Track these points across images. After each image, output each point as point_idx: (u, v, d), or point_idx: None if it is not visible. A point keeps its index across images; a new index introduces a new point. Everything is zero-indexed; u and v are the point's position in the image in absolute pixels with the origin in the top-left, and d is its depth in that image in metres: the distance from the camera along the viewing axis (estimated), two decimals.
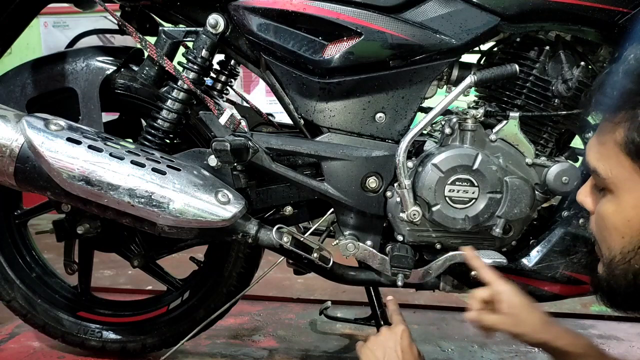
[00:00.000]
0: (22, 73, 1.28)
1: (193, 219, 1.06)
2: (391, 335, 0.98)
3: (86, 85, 1.24)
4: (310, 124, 1.21)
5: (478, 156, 1.10)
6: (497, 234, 1.14)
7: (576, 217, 1.18)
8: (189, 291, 1.45)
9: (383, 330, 1.01)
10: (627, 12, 1.08)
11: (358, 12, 1.11)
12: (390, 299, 1.12)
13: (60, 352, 1.54)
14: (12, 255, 1.45)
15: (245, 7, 1.15)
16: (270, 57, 1.17)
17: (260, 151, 1.15)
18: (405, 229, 1.18)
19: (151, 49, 1.17)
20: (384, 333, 1.00)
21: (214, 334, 1.64)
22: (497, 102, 1.20)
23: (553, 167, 1.13)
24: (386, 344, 0.97)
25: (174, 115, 1.20)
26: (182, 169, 1.09)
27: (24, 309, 1.45)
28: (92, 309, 1.49)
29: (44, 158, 1.02)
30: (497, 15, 1.10)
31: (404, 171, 1.11)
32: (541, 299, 1.23)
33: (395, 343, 0.96)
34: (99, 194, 1.04)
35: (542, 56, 1.15)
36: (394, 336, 0.98)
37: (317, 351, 1.60)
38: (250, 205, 1.20)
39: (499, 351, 1.63)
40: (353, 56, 1.12)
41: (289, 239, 1.15)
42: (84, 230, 1.31)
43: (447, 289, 1.25)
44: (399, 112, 1.17)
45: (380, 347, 0.97)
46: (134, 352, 1.46)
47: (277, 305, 1.97)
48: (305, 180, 1.17)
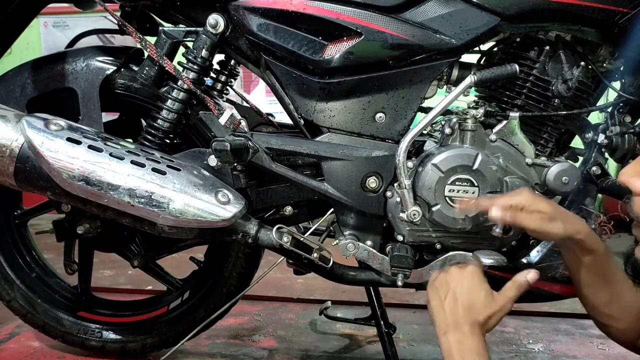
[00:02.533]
0: (22, 73, 1.28)
1: (193, 219, 1.06)
2: (459, 275, 0.91)
3: (86, 85, 1.24)
4: (310, 124, 1.21)
5: (478, 156, 1.10)
6: (497, 234, 1.14)
7: None
8: (189, 291, 1.45)
9: (452, 269, 0.93)
10: (627, 12, 1.08)
11: (358, 12, 1.11)
12: None
13: (60, 352, 1.54)
14: (12, 255, 1.45)
15: (245, 7, 1.15)
16: (270, 57, 1.17)
17: (260, 151, 1.15)
18: (405, 229, 1.18)
19: (151, 49, 1.17)
20: (452, 271, 0.93)
21: (214, 334, 1.64)
22: (497, 102, 1.20)
23: (553, 167, 1.14)
24: (451, 283, 0.90)
25: (174, 115, 1.20)
26: (182, 169, 1.09)
27: (24, 309, 1.45)
28: (92, 309, 1.49)
29: (44, 158, 1.02)
30: (497, 15, 1.10)
31: (404, 171, 1.11)
32: (541, 299, 1.23)
33: (459, 283, 0.89)
34: (99, 194, 1.04)
35: (542, 56, 1.15)
36: (462, 275, 0.91)
37: (317, 351, 1.60)
38: (250, 205, 1.20)
39: (499, 351, 1.63)
40: (353, 56, 1.12)
41: (289, 239, 1.15)
42: (84, 230, 1.31)
43: None
44: (399, 112, 1.17)
45: (444, 285, 0.90)
46: (134, 352, 1.46)
47: (277, 305, 1.97)
48: (305, 180, 1.17)
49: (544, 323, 1.86)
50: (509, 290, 0.90)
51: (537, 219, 0.95)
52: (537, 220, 0.95)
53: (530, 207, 0.95)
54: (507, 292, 0.90)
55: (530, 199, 0.96)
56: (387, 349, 1.38)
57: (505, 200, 0.96)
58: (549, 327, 1.82)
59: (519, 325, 1.83)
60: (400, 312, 1.92)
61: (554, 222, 0.94)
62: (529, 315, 1.90)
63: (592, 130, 1.21)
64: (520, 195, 0.97)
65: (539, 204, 0.96)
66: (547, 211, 0.95)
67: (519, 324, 1.84)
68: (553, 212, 0.95)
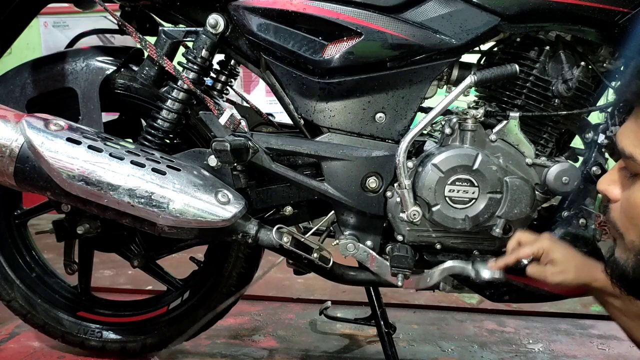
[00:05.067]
0: (22, 73, 1.28)
1: (193, 219, 1.06)
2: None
3: (86, 85, 1.24)
4: (310, 124, 1.21)
5: (478, 156, 1.10)
6: (497, 234, 1.14)
7: (576, 217, 1.18)
8: (189, 291, 1.45)
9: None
10: (627, 12, 1.08)
11: (358, 12, 1.11)
12: None
13: (60, 352, 1.54)
14: (12, 255, 1.45)
15: (245, 7, 1.15)
16: (270, 57, 1.17)
17: (260, 151, 1.15)
18: (405, 229, 1.18)
19: (151, 49, 1.17)
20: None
21: (214, 334, 1.64)
22: (497, 102, 1.20)
23: (553, 167, 1.13)
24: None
25: (174, 115, 1.20)
26: (182, 169, 1.09)
27: (24, 309, 1.45)
28: (92, 309, 1.49)
29: (44, 158, 1.02)
30: (497, 15, 1.10)
31: (404, 171, 1.10)
32: (541, 299, 1.23)
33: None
34: (99, 194, 1.04)
35: (542, 56, 1.15)
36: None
37: (317, 351, 1.60)
38: (250, 205, 1.20)
39: (499, 351, 1.63)
40: (353, 56, 1.12)
41: (289, 239, 1.15)
42: (84, 230, 1.31)
43: (447, 289, 1.25)
44: (399, 112, 1.17)
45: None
46: (134, 352, 1.46)
47: (277, 305, 1.97)
48: (305, 180, 1.17)
49: (544, 323, 1.86)
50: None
51: (548, 271, 0.99)
52: (549, 272, 1.00)
53: (545, 256, 1.00)
54: None
55: (548, 246, 1.01)
56: (387, 349, 1.38)
57: (527, 250, 1.02)
58: (549, 327, 1.82)
59: (519, 325, 1.83)
60: (400, 312, 1.92)
61: (565, 274, 0.98)
62: (529, 315, 1.90)
63: (592, 130, 1.21)
64: (541, 243, 1.02)
65: (554, 253, 1.00)
66: (560, 262, 0.99)
67: (519, 324, 1.84)
68: (565, 264, 0.99)
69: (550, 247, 1.02)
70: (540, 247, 1.02)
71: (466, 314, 1.93)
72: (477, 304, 2.00)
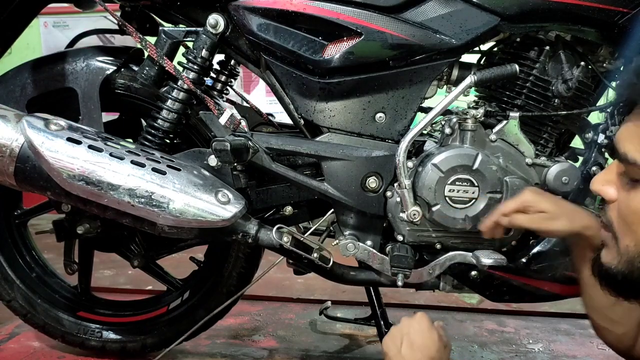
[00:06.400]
0: (22, 73, 1.28)
1: (193, 219, 1.06)
2: (409, 322, 0.96)
3: (86, 85, 1.24)
4: (310, 124, 1.21)
5: (478, 156, 1.11)
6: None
7: None
8: (189, 291, 1.45)
9: (403, 320, 0.99)
10: (627, 12, 1.08)
11: (358, 12, 1.11)
12: None
13: (60, 352, 1.54)
14: (12, 255, 1.45)
15: (245, 7, 1.15)
16: (270, 57, 1.17)
17: (260, 151, 1.15)
18: (405, 229, 1.18)
19: (151, 49, 1.17)
20: (403, 322, 0.98)
21: (214, 334, 1.64)
22: (497, 102, 1.20)
23: (553, 167, 1.14)
24: (403, 331, 0.94)
25: (174, 115, 1.20)
26: (182, 169, 1.10)
27: (24, 309, 1.45)
28: (92, 309, 1.49)
29: (44, 158, 1.02)
30: (497, 15, 1.10)
31: (404, 171, 1.11)
32: (541, 299, 1.23)
33: (411, 329, 0.94)
34: (99, 194, 1.04)
35: (542, 56, 1.15)
36: (412, 322, 0.96)
37: (317, 351, 1.60)
38: (250, 205, 1.20)
39: (499, 351, 1.63)
40: (353, 56, 1.12)
41: (289, 239, 1.15)
42: (84, 230, 1.31)
43: (447, 289, 1.25)
44: (399, 112, 1.17)
45: (398, 335, 0.95)
46: (134, 352, 1.46)
47: (277, 305, 1.97)
48: (305, 180, 1.17)
49: (544, 323, 1.86)
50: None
51: (539, 218, 0.96)
52: (539, 220, 0.96)
53: (533, 207, 0.96)
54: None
55: (532, 199, 0.97)
56: None
57: (509, 204, 0.97)
58: (549, 327, 1.82)
59: (519, 325, 1.83)
60: (400, 312, 1.92)
61: (558, 220, 0.95)
62: (529, 315, 1.90)
63: (592, 130, 1.21)
64: (524, 196, 0.97)
65: (541, 204, 0.96)
66: (550, 210, 0.95)
67: (519, 324, 1.84)
68: (556, 210, 0.95)
69: (535, 198, 1.00)
70: (524, 199, 1.00)
71: (466, 314, 1.93)
72: (477, 304, 2.00)
